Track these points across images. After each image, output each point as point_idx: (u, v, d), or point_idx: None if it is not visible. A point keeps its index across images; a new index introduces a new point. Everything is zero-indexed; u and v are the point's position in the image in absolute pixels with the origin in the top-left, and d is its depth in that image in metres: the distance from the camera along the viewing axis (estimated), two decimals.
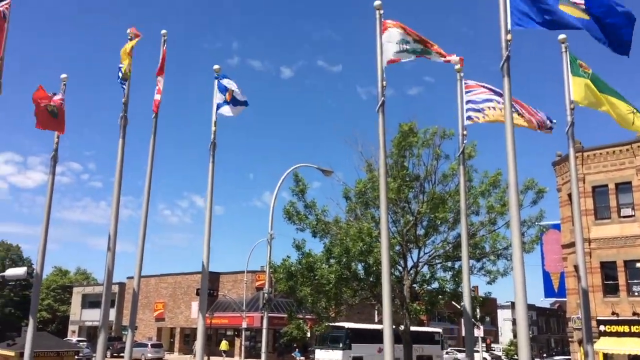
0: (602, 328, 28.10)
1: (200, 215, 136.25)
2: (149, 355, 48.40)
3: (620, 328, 27.75)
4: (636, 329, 27.22)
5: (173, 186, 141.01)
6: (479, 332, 45.27)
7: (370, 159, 22.06)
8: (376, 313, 49.73)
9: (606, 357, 28.22)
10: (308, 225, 21.53)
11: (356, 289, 21.62)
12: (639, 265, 27.41)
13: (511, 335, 74.07)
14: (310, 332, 23.70)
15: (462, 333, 60.28)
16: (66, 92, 14.29)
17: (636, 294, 28.00)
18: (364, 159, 22.32)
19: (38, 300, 14.25)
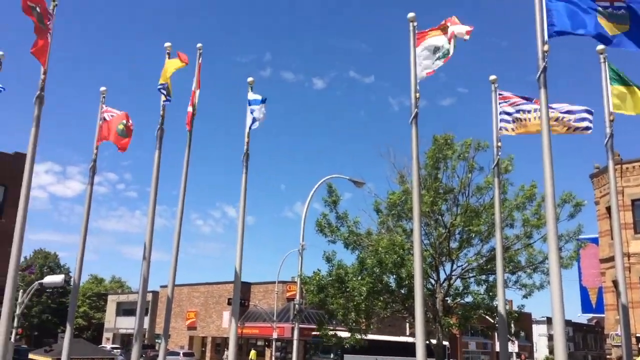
0: None
1: (232, 225, 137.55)
2: None
3: None
4: None
5: (206, 196, 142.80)
6: (514, 348, 44.32)
7: (402, 170, 21.94)
8: (407, 326, 49.18)
9: None
10: (340, 237, 21.46)
11: (388, 302, 21.43)
12: None
13: (547, 351, 72.31)
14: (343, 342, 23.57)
15: (497, 348, 59.10)
16: (105, 104, 14.72)
17: None
18: (396, 171, 22.21)
19: (75, 307, 14.57)
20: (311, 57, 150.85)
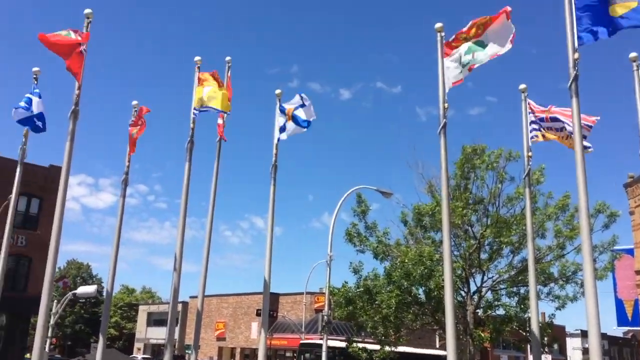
0: None
1: (259, 236, 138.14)
2: None
3: None
4: None
5: (234, 207, 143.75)
6: None
7: (431, 181, 21.79)
8: (437, 338, 48.51)
9: None
10: (369, 247, 21.41)
11: (417, 314, 21.22)
12: None
13: None
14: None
15: None
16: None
17: None
18: (425, 181, 22.07)
19: (108, 318, 14.79)
20: (338, 68, 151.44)
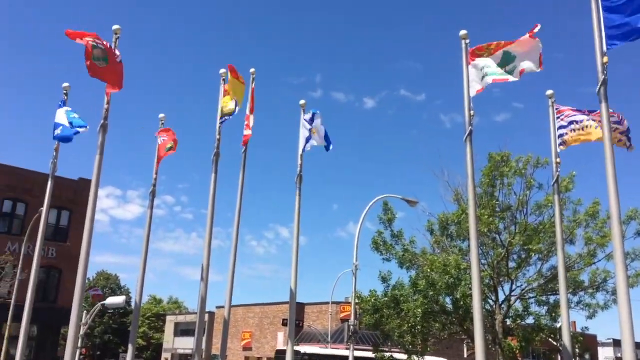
0: None
1: (284, 245, 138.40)
2: None
3: None
4: None
5: (259, 217, 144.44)
6: None
7: (457, 189, 21.57)
8: (465, 348, 47.86)
9: None
10: (394, 255, 21.28)
11: (445, 323, 20.98)
12: None
13: None
14: None
15: None
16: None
17: None
18: (451, 189, 21.86)
19: (137, 328, 14.95)
20: (361, 77, 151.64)
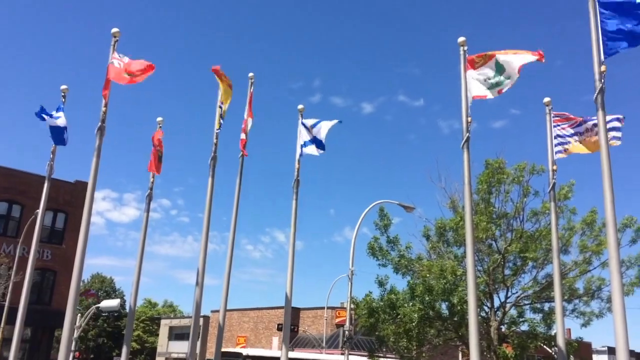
0: None
1: (281, 250, 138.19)
2: None
3: None
4: None
5: (256, 221, 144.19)
6: None
7: (454, 195, 21.63)
8: (460, 354, 47.85)
9: None
10: (390, 261, 21.31)
11: (440, 329, 20.98)
12: None
13: None
14: None
15: None
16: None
17: None
18: (448, 195, 21.92)
19: (131, 332, 14.89)
20: (360, 82, 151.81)
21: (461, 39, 10.48)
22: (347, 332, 26.28)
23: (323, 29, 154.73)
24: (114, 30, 11.70)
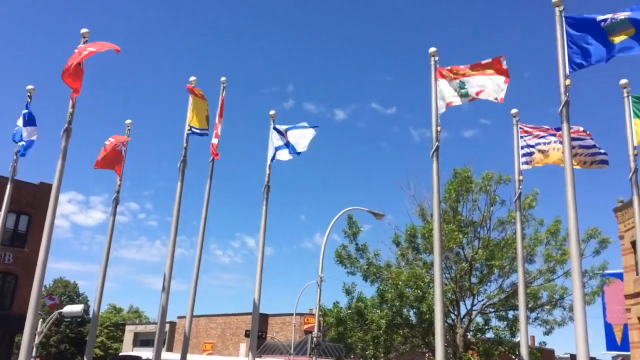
0: None
1: (250, 255, 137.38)
2: None
3: None
4: None
5: (226, 226, 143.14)
6: None
7: (423, 203, 21.83)
8: None
9: None
10: (359, 268, 21.35)
11: (407, 336, 21.12)
12: None
13: None
14: None
15: None
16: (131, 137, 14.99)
17: None
18: (417, 203, 22.10)
19: (95, 338, 14.58)
20: (333, 89, 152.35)
21: (432, 50, 10.62)
22: (316, 339, 26.27)
23: (297, 35, 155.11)
24: (84, 30, 11.49)
